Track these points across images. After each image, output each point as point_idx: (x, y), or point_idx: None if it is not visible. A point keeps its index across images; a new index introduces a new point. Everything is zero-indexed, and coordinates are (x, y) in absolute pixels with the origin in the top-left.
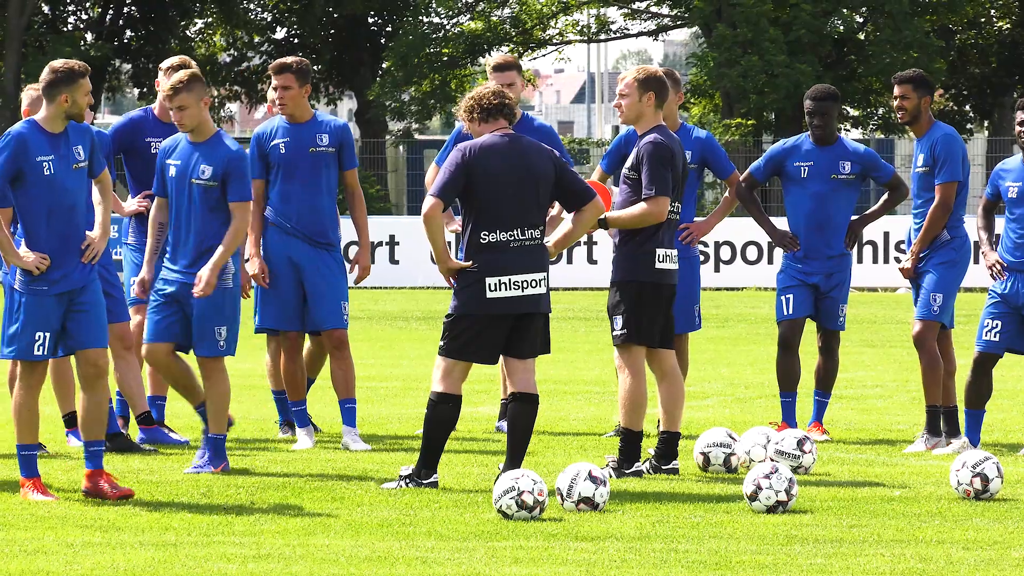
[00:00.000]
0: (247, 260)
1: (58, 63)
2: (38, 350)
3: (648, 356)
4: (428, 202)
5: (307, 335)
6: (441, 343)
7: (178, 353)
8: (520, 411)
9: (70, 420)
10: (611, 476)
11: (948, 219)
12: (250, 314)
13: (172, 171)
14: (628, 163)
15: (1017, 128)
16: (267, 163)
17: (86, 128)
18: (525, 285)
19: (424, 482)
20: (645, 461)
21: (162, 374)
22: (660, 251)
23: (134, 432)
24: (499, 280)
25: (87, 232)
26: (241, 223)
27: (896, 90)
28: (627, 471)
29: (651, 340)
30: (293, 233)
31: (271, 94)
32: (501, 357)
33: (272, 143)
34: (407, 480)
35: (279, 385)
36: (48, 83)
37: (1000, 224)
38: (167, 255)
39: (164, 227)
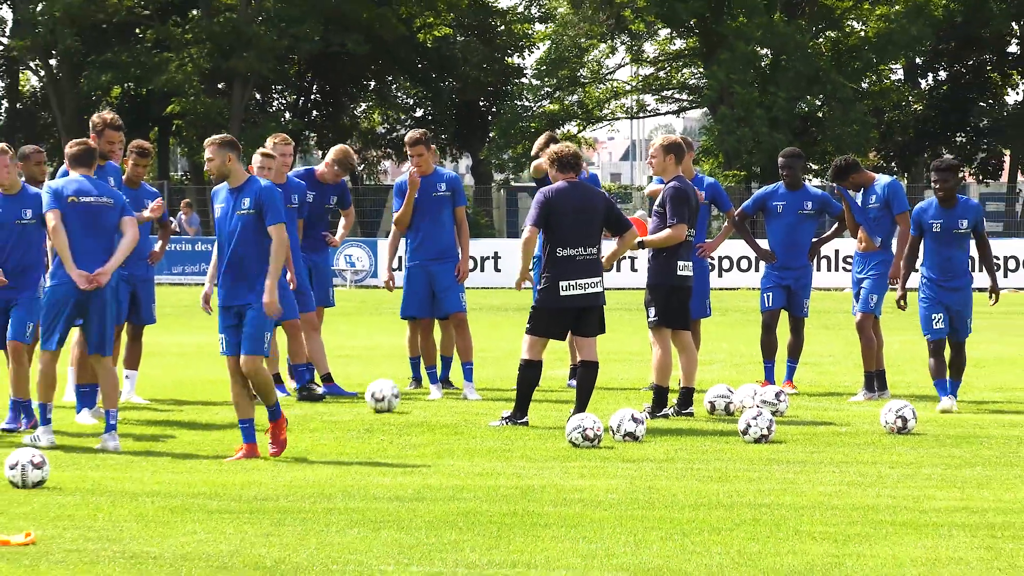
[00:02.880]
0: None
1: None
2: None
3: (672, 335)
4: (527, 231)
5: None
6: (528, 325)
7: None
8: (585, 374)
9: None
10: (647, 418)
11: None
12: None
13: None
14: (656, 202)
15: (934, 184)
16: None
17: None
18: (587, 286)
19: (518, 421)
20: (670, 407)
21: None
22: (680, 263)
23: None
24: (569, 282)
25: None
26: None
27: (836, 189)
28: (658, 414)
29: (674, 324)
30: (425, 251)
31: (411, 159)
32: (569, 335)
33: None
34: (507, 420)
35: (414, 353)
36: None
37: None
38: None
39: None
